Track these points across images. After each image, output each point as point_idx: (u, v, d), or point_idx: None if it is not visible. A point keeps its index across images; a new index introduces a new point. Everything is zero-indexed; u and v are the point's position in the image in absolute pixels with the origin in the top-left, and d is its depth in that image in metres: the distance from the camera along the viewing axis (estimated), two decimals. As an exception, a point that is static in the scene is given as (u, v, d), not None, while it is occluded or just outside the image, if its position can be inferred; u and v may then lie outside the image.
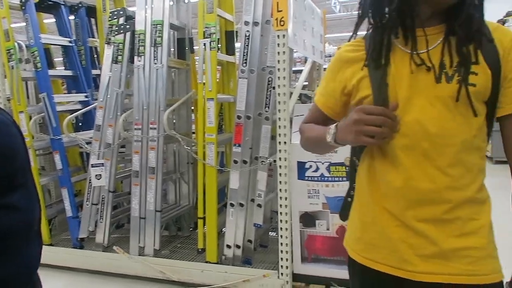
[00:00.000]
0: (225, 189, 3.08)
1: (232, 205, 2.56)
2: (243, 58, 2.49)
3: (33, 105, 3.37)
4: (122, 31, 2.80)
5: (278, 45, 2.24)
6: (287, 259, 2.36)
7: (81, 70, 3.30)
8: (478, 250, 0.83)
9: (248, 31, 2.49)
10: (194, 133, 3.04)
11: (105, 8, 3.37)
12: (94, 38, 3.57)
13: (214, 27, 2.52)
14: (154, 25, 2.71)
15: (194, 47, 3.13)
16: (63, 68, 3.38)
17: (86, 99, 3.28)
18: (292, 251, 2.37)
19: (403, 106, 0.84)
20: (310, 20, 2.83)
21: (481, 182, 0.86)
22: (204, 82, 2.56)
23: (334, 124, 0.89)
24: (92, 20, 3.55)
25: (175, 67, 3.08)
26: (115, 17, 2.84)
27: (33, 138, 3.02)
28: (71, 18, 3.34)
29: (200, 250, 2.74)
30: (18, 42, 2.96)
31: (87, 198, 2.93)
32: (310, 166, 2.31)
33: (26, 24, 2.83)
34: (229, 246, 2.58)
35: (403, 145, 0.84)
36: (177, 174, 3.24)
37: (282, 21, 2.20)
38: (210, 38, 2.51)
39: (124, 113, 2.83)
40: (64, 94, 3.59)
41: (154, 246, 2.76)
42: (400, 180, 0.85)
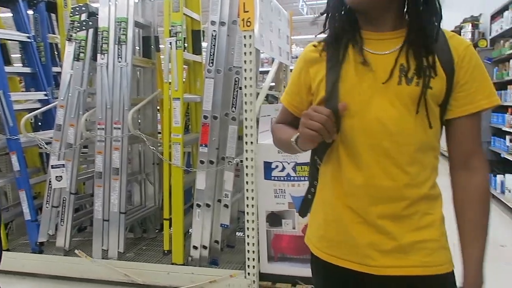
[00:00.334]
0: (191, 189, 3.06)
1: (198, 205, 2.54)
2: (210, 58, 2.48)
3: (-13, 103, 3.20)
4: (84, 28, 2.72)
5: (245, 45, 2.24)
6: (254, 259, 2.37)
7: (40, 67, 3.18)
8: (433, 242, 0.88)
9: (214, 31, 2.48)
10: (160, 133, 3.00)
11: (66, 3, 3.26)
12: (54, 34, 3.45)
13: (180, 26, 2.49)
14: (118, 22, 2.65)
15: (160, 46, 3.08)
16: (21, 65, 3.24)
17: (46, 98, 3.16)
18: (258, 251, 2.39)
19: (364, 105, 0.87)
20: (276, 21, 2.86)
21: (434, 179, 0.91)
22: (170, 81, 2.53)
23: None
24: (52, 15, 3.43)
25: (140, 66, 3.02)
26: (77, 13, 2.76)
27: (-13, 138, 2.87)
28: (30, 12, 3.21)
29: (166, 252, 2.70)
30: (-29, 36, 2.82)
31: (47, 201, 2.82)
32: (277, 166, 2.34)
33: (-20, 18, 2.69)
34: (195, 247, 2.56)
35: (365, 143, 0.87)
36: (142, 175, 3.18)
37: (249, 21, 2.21)
38: (176, 37, 2.48)
39: (86, 112, 2.75)
40: (22, 92, 3.45)
41: (118, 249, 2.69)
42: (362, 178, 0.88)
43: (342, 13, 0.91)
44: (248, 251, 2.38)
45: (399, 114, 0.86)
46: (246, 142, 2.31)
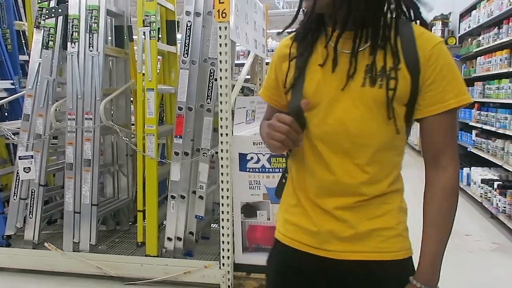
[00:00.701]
0: (166, 181, 3.03)
1: (173, 197, 2.53)
2: (185, 48, 2.46)
3: (-51, 92, 3.06)
4: (53, 15, 2.63)
5: (220, 37, 2.24)
6: (229, 250, 2.39)
7: (6, 55, 3.07)
8: (389, 230, 0.91)
9: (189, 22, 2.46)
10: (133, 124, 2.95)
11: (34, -11, 3.14)
12: (21, 21, 3.32)
13: (154, 16, 2.45)
14: (89, 10, 2.58)
15: (133, 36, 3.02)
16: (-15, 52, 3.11)
17: (13, 87, 3.05)
18: (233, 242, 2.41)
19: (329, 105, 0.88)
20: (252, 13, 2.85)
21: (395, 175, 0.93)
22: (143, 72, 2.49)
23: None
24: (19, 1, 3.30)
25: (113, 56, 2.96)
26: (46, -1, 2.66)
27: (-50, 128, 2.75)
28: (-5, -2, 3.08)
29: (139, 243, 2.68)
30: None
31: (15, 193, 2.74)
32: (252, 158, 2.35)
33: None
34: (170, 239, 2.55)
35: (326, 142, 0.90)
36: (115, 167, 3.13)
37: (224, 13, 2.20)
38: (150, 27, 2.44)
39: (56, 102, 2.68)
40: (-14, 80, 3.32)
41: (90, 241, 2.65)
42: (322, 173, 0.91)
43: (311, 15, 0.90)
44: (223, 242, 2.39)
45: (361, 116, 0.86)
46: (221, 134, 2.31)
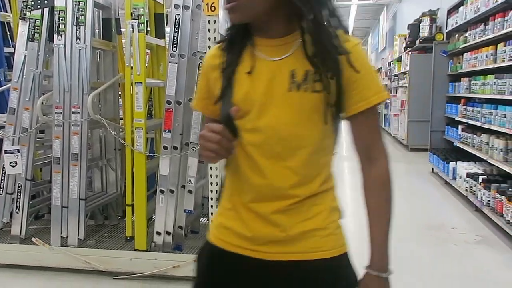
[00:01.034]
0: (154, 175, 3.02)
1: (162, 191, 2.52)
2: (173, 42, 2.44)
3: None
4: (39, 7, 2.59)
5: (209, 30, 2.23)
6: (218, 243, 2.39)
7: (-9, 47, 3.00)
8: (320, 230, 0.93)
9: (178, 15, 2.44)
10: (122, 118, 2.93)
11: (19, -21, 3.08)
12: (6, 12, 3.26)
13: (142, 9, 2.43)
14: (76, 2, 2.54)
15: (121, 29, 2.99)
16: (-31, 44, 3.05)
17: (-2, 80, 3.00)
18: (222, 235, 2.41)
19: (259, 112, 0.90)
20: (241, 7, 2.84)
21: (326, 174, 0.96)
22: (132, 65, 2.47)
23: None
24: (4, -8, 3.24)
25: (100, 49, 2.92)
26: (31, -10, 2.62)
27: None
28: (-22, -12, 3.02)
29: (128, 238, 2.67)
30: None
31: (1, 187, 2.71)
32: (240, 152, 2.36)
33: None
34: (159, 233, 2.55)
35: (258, 147, 0.91)
36: (103, 161, 3.11)
37: (213, 6, 2.19)
38: (138, 19, 2.42)
39: (42, 95, 2.64)
40: (-29, 73, 3.25)
41: (79, 236, 2.63)
42: (255, 178, 0.92)
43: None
44: (211, 236, 2.39)
45: (291, 121, 0.89)
46: (210, 128, 2.30)
